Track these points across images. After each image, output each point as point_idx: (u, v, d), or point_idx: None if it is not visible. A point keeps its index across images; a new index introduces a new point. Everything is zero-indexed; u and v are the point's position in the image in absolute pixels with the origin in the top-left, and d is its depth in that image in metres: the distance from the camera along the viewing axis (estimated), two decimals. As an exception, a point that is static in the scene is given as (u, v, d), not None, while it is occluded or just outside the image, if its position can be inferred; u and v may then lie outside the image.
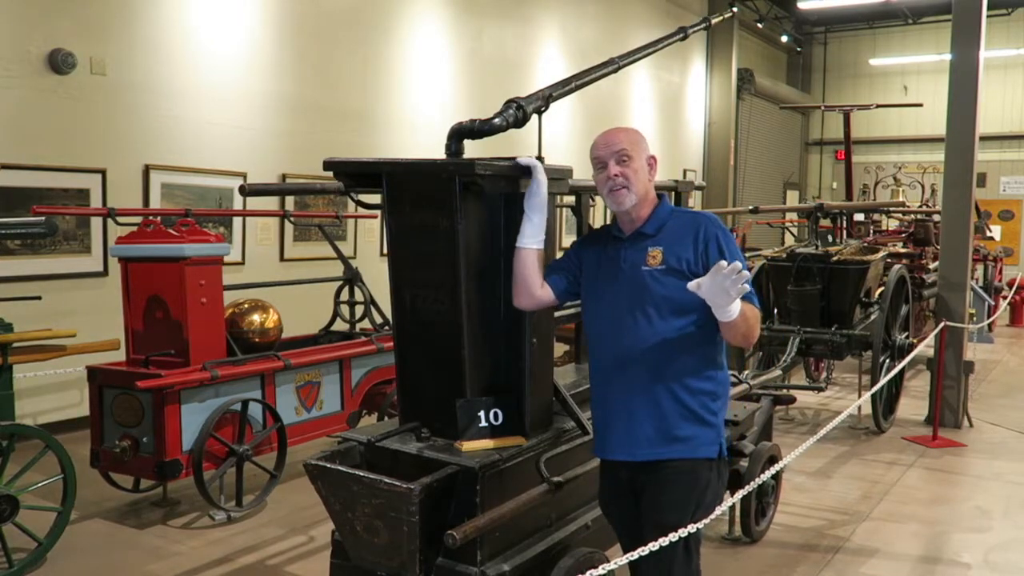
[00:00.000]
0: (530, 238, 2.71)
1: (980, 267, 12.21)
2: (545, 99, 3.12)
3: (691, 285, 2.39)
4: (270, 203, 7.95)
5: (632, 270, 2.59)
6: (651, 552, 2.45)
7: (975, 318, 8.19)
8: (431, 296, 2.94)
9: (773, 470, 3.88)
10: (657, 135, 15.33)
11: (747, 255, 9.23)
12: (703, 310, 2.48)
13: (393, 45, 9.63)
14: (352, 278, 6.29)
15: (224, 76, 7.81)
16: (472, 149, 2.94)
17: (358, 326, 6.30)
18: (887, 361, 6.98)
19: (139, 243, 4.91)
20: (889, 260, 8.22)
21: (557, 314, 3.33)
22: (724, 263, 2.31)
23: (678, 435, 2.55)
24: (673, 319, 2.54)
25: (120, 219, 5.30)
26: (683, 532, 2.48)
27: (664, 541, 2.45)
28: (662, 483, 2.58)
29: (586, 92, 3.79)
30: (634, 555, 2.47)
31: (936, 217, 9.58)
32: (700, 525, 2.55)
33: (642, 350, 2.55)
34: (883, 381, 6.25)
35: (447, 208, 2.81)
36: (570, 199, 3.85)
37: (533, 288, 2.72)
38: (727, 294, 2.33)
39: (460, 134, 2.90)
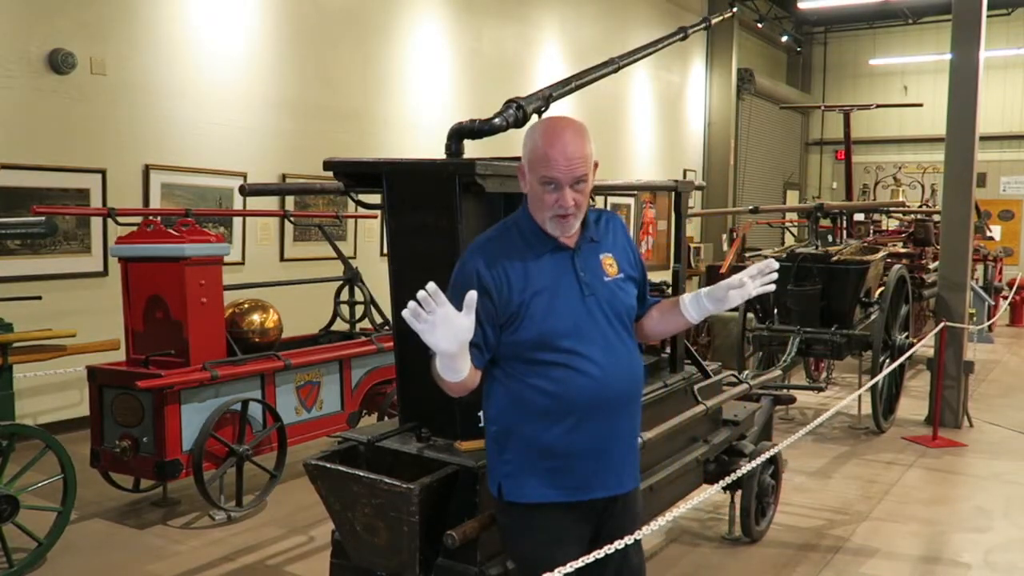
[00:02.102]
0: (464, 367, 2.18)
1: (980, 267, 12.21)
2: (545, 99, 3.13)
3: (735, 280, 2.27)
4: (270, 203, 7.96)
5: (597, 283, 2.30)
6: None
7: (975, 318, 8.19)
8: (431, 296, 2.94)
9: (759, 460, 3.87)
10: (657, 135, 15.33)
11: (747, 255, 9.27)
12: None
13: (393, 45, 9.63)
14: (352, 278, 6.30)
15: (224, 76, 7.82)
16: (472, 149, 2.94)
17: (358, 326, 6.30)
18: (887, 361, 6.98)
19: (139, 243, 4.91)
20: (889, 260, 8.23)
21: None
22: (773, 262, 2.26)
23: (638, 453, 2.47)
24: (630, 332, 2.40)
25: (120, 219, 5.32)
26: (631, 540, 2.40)
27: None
28: (631, 509, 2.45)
29: (586, 92, 3.79)
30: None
31: (936, 217, 9.58)
32: (646, 531, 2.51)
33: (627, 372, 2.34)
34: (878, 378, 6.26)
35: (447, 208, 2.81)
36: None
37: (472, 385, 2.28)
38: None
39: (460, 134, 2.91)
